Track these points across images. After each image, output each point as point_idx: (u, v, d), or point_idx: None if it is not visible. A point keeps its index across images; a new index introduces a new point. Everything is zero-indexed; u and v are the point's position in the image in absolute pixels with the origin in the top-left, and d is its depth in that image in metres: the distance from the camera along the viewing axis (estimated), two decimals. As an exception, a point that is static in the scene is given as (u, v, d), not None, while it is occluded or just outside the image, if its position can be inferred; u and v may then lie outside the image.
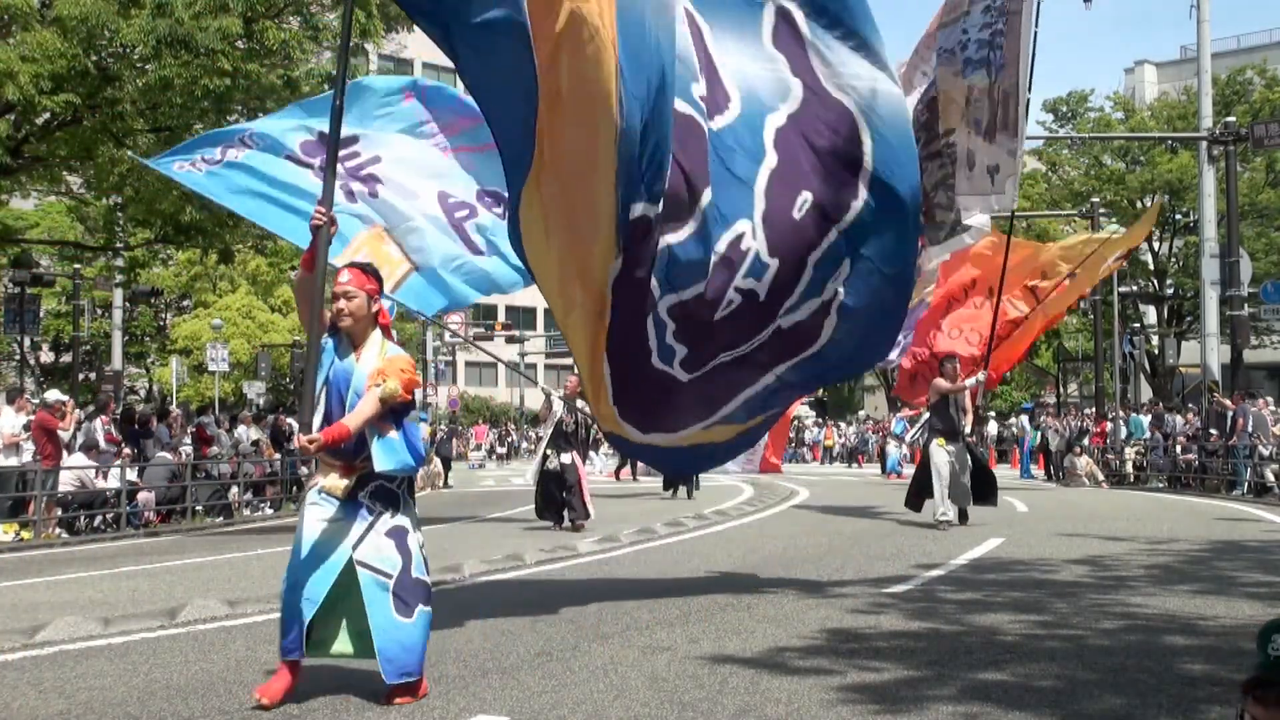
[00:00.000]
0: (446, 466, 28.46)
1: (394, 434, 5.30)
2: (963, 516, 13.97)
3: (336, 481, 5.32)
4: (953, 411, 14.00)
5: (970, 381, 14.16)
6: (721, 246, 7.42)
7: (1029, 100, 10.78)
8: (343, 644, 5.43)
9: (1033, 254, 17.83)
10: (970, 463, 14.00)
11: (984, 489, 14.14)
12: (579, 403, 13.58)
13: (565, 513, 14.43)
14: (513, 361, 45.13)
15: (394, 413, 5.30)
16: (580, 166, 6.65)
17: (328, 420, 5.33)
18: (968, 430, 14.21)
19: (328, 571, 5.22)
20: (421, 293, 9.71)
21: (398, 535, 5.33)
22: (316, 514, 5.30)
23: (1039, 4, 10.05)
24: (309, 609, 5.19)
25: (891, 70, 7.90)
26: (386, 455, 5.26)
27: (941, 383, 14.11)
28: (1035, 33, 10.09)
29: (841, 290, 7.91)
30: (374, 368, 5.36)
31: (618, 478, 28.06)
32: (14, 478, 15.15)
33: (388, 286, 9.31)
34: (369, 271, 5.59)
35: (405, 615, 5.23)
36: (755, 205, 7.54)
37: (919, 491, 14.35)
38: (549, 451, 14.46)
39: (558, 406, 14.47)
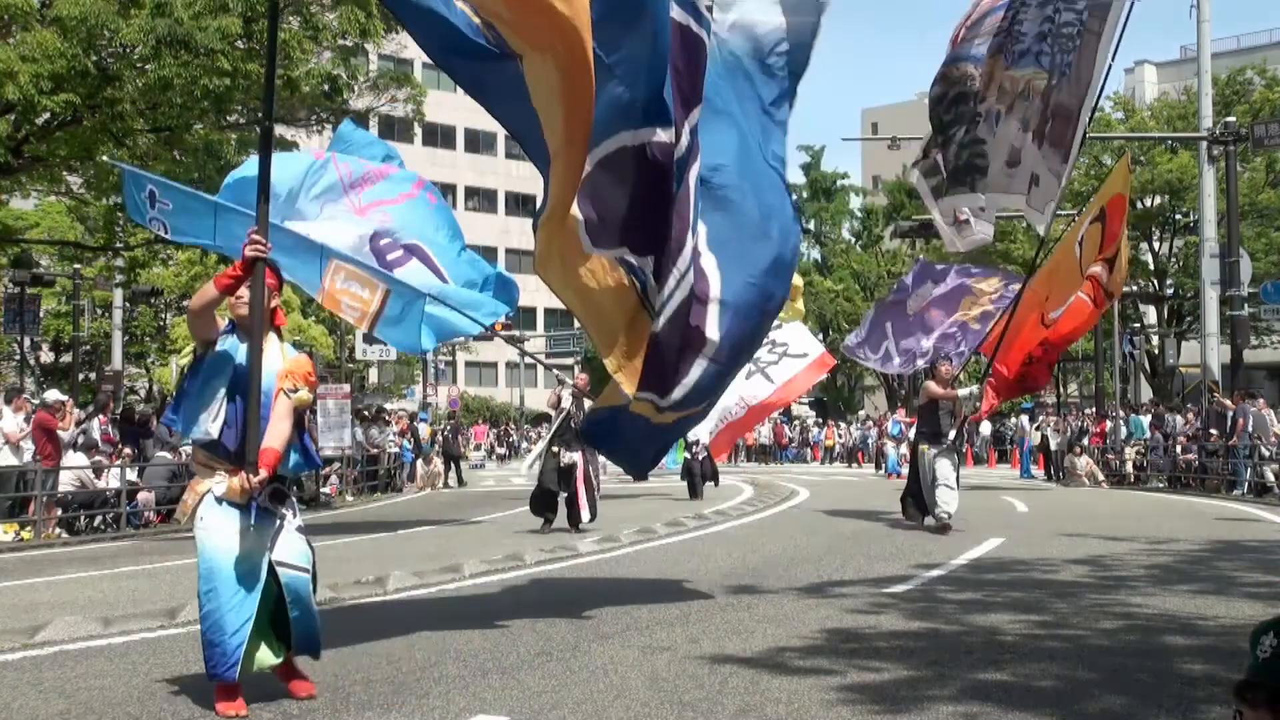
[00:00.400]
0: (456, 464, 28.66)
1: (295, 437, 5.43)
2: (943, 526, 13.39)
3: (236, 485, 5.23)
4: (941, 416, 13.74)
5: (963, 392, 13.98)
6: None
7: (1087, 129, 10.29)
8: (264, 655, 5.43)
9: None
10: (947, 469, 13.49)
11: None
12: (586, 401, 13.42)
13: (556, 514, 14.19)
14: (554, 363, 45.02)
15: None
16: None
17: (229, 421, 5.29)
18: (952, 437, 13.84)
19: (257, 584, 5.21)
20: (407, 322, 9.56)
21: (303, 531, 5.47)
22: (225, 524, 5.21)
23: (1120, 37, 9.56)
24: (247, 626, 5.15)
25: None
26: (291, 456, 5.42)
27: (933, 387, 13.85)
28: (1110, 65, 9.74)
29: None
30: (279, 368, 5.36)
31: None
32: (14, 478, 15.15)
33: (370, 312, 9.07)
34: (271, 266, 5.57)
35: (314, 599, 5.46)
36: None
37: (915, 499, 14.02)
38: (555, 449, 14.16)
39: (566, 401, 14.22)
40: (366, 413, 27.36)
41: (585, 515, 14.05)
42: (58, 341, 42.10)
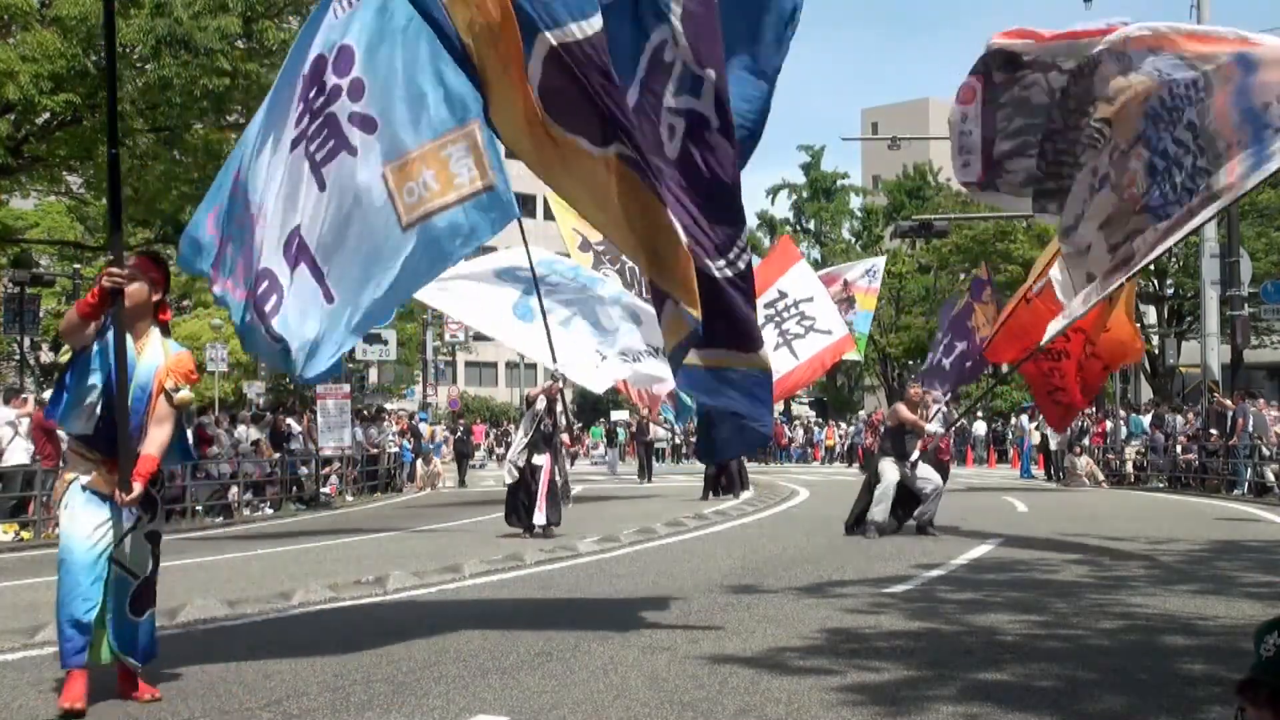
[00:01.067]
0: (464, 462, 28.95)
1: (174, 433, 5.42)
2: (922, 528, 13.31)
3: (106, 477, 5.23)
4: (907, 439, 13.47)
5: (932, 427, 13.85)
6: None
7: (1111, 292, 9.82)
8: (103, 650, 5.39)
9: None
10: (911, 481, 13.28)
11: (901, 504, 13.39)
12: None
13: (533, 516, 13.61)
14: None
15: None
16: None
17: (106, 416, 5.23)
18: (914, 458, 13.46)
19: (104, 576, 5.22)
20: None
21: (154, 540, 5.45)
22: (89, 515, 5.22)
23: (1186, 233, 8.96)
24: (92, 613, 5.14)
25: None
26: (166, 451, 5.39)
27: (904, 411, 13.64)
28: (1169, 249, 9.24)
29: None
30: (160, 364, 5.31)
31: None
32: (17, 477, 15.16)
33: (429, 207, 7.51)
34: (156, 260, 5.54)
35: (136, 615, 5.36)
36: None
37: (863, 515, 13.46)
38: (526, 452, 13.82)
39: (540, 404, 13.92)
40: (366, 413, 27.41)
41: (539, 518, 13.50)
42: (58, 341, 42.10)
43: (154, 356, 5.33)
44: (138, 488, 5.18)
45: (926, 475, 13.44)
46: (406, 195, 6.97)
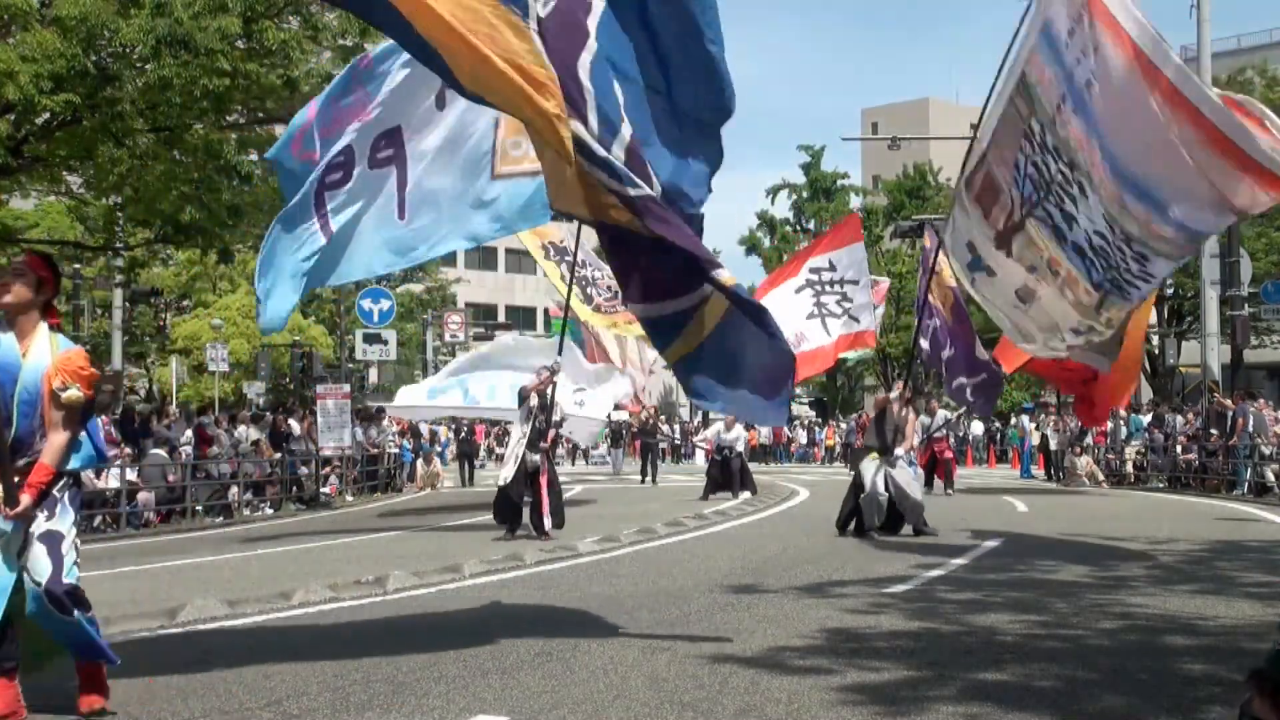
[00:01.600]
0: (470, 463, 28.99)
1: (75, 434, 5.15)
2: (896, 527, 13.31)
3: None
4: (887, 429, 13.36)
5: (913, 435, 13.89)
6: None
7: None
8: (33, 658, 5.26)
9: None
10: (892, 487, 13.15)
11: (893, 520, 13.29)
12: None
13: (530, 518, 13.36)
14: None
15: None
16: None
17: None
18: (900, 453, 13.39)
19: (4, 592, 4.89)
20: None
21: (50, 540, 5.02)
22: None
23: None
24: None
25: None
26: (72, 457, 5.13)
27: (880, 395, 13.91)
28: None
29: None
30: (46, 365, 5.06)
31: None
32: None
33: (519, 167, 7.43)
34: (47, 261, 5.38)
35: (65, 614, 5.01)
36: None
37: (852, 515, 13.46)
38: (523, 451, 13.48)
39: (533, 401, 13.52)
40: (366, 412, 27.43)
41: (548, 522, 13.21)
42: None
43: (40, 356, 5.08)
44: (26, 500, 4.89)
45: (908, 488, 13.30)
46: (513, 148, 7.15)
